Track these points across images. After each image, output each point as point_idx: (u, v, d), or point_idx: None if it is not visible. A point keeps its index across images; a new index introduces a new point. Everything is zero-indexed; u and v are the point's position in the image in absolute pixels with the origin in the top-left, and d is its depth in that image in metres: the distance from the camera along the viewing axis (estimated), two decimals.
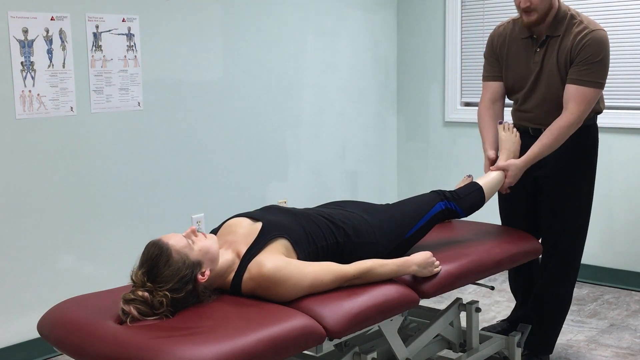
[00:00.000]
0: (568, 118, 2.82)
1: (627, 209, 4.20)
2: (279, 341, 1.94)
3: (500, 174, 2.89)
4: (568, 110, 2.83)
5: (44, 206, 3.30)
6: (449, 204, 2.72)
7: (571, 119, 2.82)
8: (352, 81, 4.78)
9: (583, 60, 2.80)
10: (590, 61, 2.80)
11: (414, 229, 2.61)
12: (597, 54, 2.80)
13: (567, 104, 2.83)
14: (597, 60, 2.80)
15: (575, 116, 2.82)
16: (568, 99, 2.83)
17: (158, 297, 2.00)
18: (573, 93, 2.82)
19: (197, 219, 3.91)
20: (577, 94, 2.81)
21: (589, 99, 2.82)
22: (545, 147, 2.86)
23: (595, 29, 2.82)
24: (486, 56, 3.12)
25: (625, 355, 3.28)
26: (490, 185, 2.85)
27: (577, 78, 2.81)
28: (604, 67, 2.83)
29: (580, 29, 2.82)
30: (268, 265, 2.13)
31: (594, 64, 2.80)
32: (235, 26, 4.03)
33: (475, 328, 2.86)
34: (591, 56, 2.79)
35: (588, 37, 2.80)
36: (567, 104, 2.83)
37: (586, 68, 2.80)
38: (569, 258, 3.06)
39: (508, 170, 2.88)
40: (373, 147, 4.98)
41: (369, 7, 4.84)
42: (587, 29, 2.81)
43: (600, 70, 2.82)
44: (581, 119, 2.85)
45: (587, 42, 2.80)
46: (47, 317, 2.13)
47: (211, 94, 3.94)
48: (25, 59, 3.18)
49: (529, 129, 3.01)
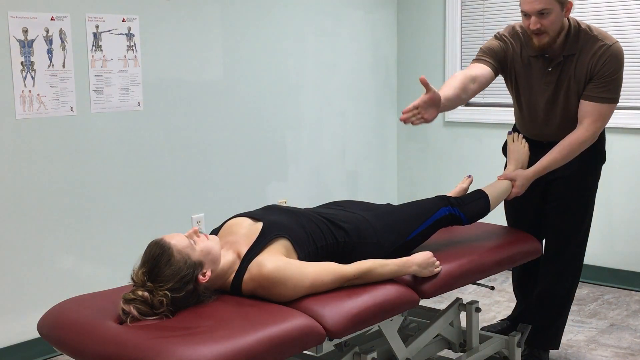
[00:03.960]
0: (583, 135, 2.79)
1: (627, 209, 4.20)
2: (279, 341, 1.94)
3: (507, 184, 2.87)
4: (583, 126, 2.79)
5: (44, 206, 3.30)
6: (452, 210, 2.70)
7: (587, 135, 2.79)
8: (352, 81, 4.78)
9: (603, 76, 2.76)
10: (610, 78, 2.76)
11: (416, 232, 2.61)
12: (617, 70, 2.77)
13: (583, 120, 2.79)
14: (615, 76, 2.77)
15: (590, 133, 2.80)
16: (584, 115, 2.79)
17: (158, 296, 2.00)
18: (590, 110, 2.78)
19: (197, 219, 3.91)
20: (594, 111, 2.78)
21: (605, 116, 2.80)
22: (556, 161, 2.83)
23: (613, 44, 2.77)
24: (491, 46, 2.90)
25: (625, 355, 3.28)
26: (496, 194, 2.83)
27: (594, 95, 2.77)
28: (620, 81, 2.80)
29: (598, 46, 2.76)
30: (268, 265, 2.13)
31: (612, 80, 2.76)
32: (235, 26, 4.03)
33: (475, 328, 2.86)
34: (611, 72, 2.75)
35: (608, 54, 2.75)
36: (583, 119, 2.79)
37: (604, 85, 2.76)
38: (575, 257, 3.07)
39: (516, 180, 2.85)
40: (373, 147, 4.98)
41: (369, 7, 4.84)
42: (604, 45, 2.76)
43: (616, 86, 2.79)
44: (596, 136, 2.82)
45: (608, 58, 2.75)
46: (47, 317, 2.13)
47: (211, 94, 3.94)
48: (25, 59, 3.18)
49: (543, 141, 2.97)
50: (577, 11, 4.20)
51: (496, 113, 3.19)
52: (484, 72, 2.85)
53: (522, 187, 2.86)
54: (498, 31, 3.00)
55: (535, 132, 3.01)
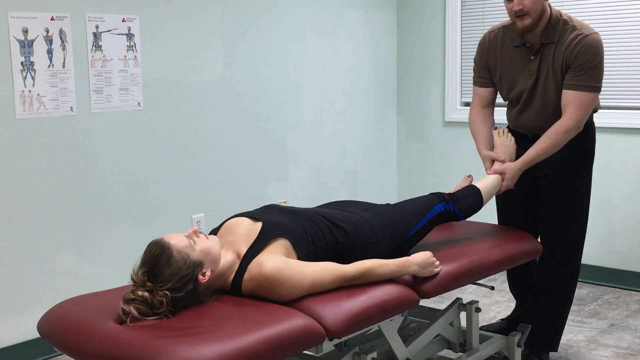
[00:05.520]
0: (567, 123, 2.83)
1: (627, 209, 4.20)
2: (279, 341, 1.94)
3: (497, 177, 2.91)
4: (567, 115, 2.84)
5: (44, 206, 3.30)
6: (447, 206, 2.73)
7: (570, 123, 2.83)
8: (352, 81, 4.78)
9: (579, 65, 2.80)
10: (586, 66, 2.80)
11: (414, 229, 2.62)
12: (593, 59, 2.80)
13: (566, 109, 2.84)
14: (593, 64, 2.80)
15: (574, 121, 2.83)
16: (566, 104, 2.84)
17: (158, 296, 2.00)
18: (571, 98, 2.83)
19: (197, 219, 3.91)
20: (575, 99, 2.82)
21: (588, 104, 2.84)
22: (542, 151, 2.87)
23: (589, 34, 2.82)
24: (476, 62, 3.12)
25: (625, 355, 3.28)
26: (488, 189, 2.87)
27: (574, 83, 2.82)
28: (600, 70, 2.84)
29: (574, 35, 2.82)
30: (268, 265, 2.13)
31: (590, 68, 2.80)
32: (235, 26, 4.03)
33: (475, 328, 2.86)
34: (587, 61, 2.80)
35: (583, 43, 2.80)
36: (566, 108, 2.84)
37: (583, 73, 2.80)
38: (570, 257, 3.06)
39: (505, 174, 2.91)
40: (373, 147, 4.98)
41: (369, 7, 4.84)
42: (581, 34, 2.81)
43: (596, 75, 2.83)
44: (580, 125, 2.86)
45: (582, 47, 2.80)
46: (47, 317, 2.14)
47: (211, 94, 3.94)
48: (25, 59, 3.18)
49: (527, 134, 3.01)
50: (577, 11, 4.21)
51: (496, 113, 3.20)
52: (485, 93, 3.11)
53: (512, 180, 2.92)
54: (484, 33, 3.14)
55: (519, 123, 3.05)
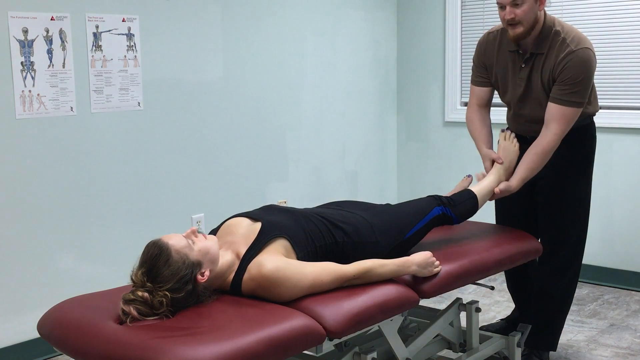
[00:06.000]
0: (551, 139, 2.84)
1: (627, 209, 4.20)
2: (279, 341, 1.94)
3: (494, 182, 2.92)
4: (550, 129, 2.83)
5: (44, 206, 3.30)
6: (445, 210, 2.75)
7: (554, 139, 2.84)
8: (352, 81, 4.78)
9: (564, 80, 2.79)
10: (571, 82, 2.78)
11: (413, 230, 2.62)
12: (578, 75, 2.78)
13: (549, 123, 2.84)
14: (577, 80, 2.78)
15: (557, 137, 2.84)
16: (550, 118, 2.84)
17: (158, 297, 2.00)
18: (555, 112, 2.82)
19: (197, 219, 3.91)
20: (558, 114, 2.82)
21: (569, 119, 2.83)
22: (532, 170, 2.89)
23: (578, 49, 2.78)
24: (474, 61, 3.12)
25: (625, 355, 3.28)
26: (483, 194, 2.90)
27: (558, 97, 2.81)
28: (586, 87, 2.82)
29: (562, 48, 2.79)
30: (268, 265, 2.13)
31: (575, 84, 2.78)
32: (235, 26, 4.03)
33: (475, 328, 2.86)
34: (572, 77, 2.78)
35: (570, 58, 2.77)
36: (549, 123, 2.84)
37: (568, 88, 2.79)
38: (571, 257, 3.07)
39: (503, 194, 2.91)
40: (373, 147, 4.98)
41: (369, 7, 4.84)
42: (568, 48, 2.78)
43: (581, 91, 2.80)
44: (561, 138, 2.86)
45: (569, 63, 2.77)
46: (47, 317, 2.14)
47: (211, 94, 3.94)
48: (25, 59, 3.18)
49: (526, 136, 3.01)
50: (577, 11, 4.21)
51: (496, 113, 3.20)
52: (482, 93, 3.10)
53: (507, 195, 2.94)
54: None
55: (516, 127, 3.07)
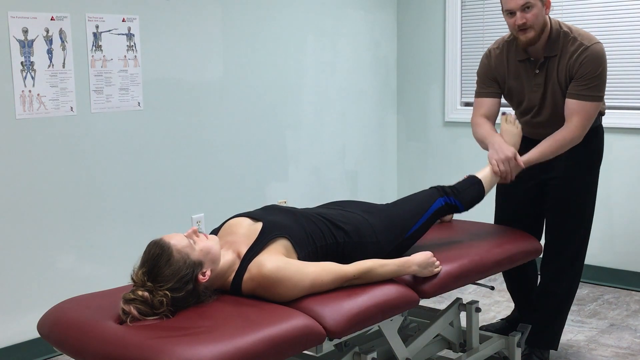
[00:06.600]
0: (573, 131, 2.85)
1: (627, 209, 4.20)
2: (279, 341, 1.94)
3: None
4: (572, 123, 2.85)
5: (44, 206, 3.30)
6: (448, 199, 2.72)
7: (576, 133, 2.85)
8: (352, 81, 4.78)
9: (583, 76, 2.82)
10: (590, 76, 2.82)
11: (415, 227, 2.62)
12: (596, 69, 2.82)
13: (571, 118, 2.85)
14: (596, 74, 2.82)
15: (580, 131, 2.85)
16: (571, 113, 2.85)
17: (158, 296, 2.00)
18: (575, 108, 2.84)
19: (197, 219, 3.91)
20: (579, 109, 2.84)
21: (591, 113, 2.86)
22: (546, 154, 2.88)
23: (591, 44, 2.83)
24: (480, 75, 3.10)
25: (625, 355, 3.28)
26: (489, 179, 2.84)
27: (577, 93, 2.84)
28: (603, 80, 2.86)
29: (576, 46, 2.83)
30: (268, 265, 2.13)
31: (593, 78, 2.82)
32: (235, 26, 4.03)
33: (475, 328, 2.86)
34: (590, 72, 2.82)
35: (585, 54, 2.82)
36: (571, 117, 2.85)
37: (586, 83, 2.82)
38: (575, 257, 3.08)
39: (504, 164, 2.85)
40: (373, 147, 4.98)
41: (369, 7, 4.84)
42: (582, 46, 2.83)
43: (599, 85, 2.85)
44: (583, 134, 2.88)
45: (585, 58, 2.81)
46: (47, 317, 2.14)
47: (211, 94, 3.94)
48: (25, 59, 3.18)
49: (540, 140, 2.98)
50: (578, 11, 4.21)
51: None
52: (491, 105, 3.08)
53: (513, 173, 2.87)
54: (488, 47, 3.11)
55: (531, 131, 3.05)
